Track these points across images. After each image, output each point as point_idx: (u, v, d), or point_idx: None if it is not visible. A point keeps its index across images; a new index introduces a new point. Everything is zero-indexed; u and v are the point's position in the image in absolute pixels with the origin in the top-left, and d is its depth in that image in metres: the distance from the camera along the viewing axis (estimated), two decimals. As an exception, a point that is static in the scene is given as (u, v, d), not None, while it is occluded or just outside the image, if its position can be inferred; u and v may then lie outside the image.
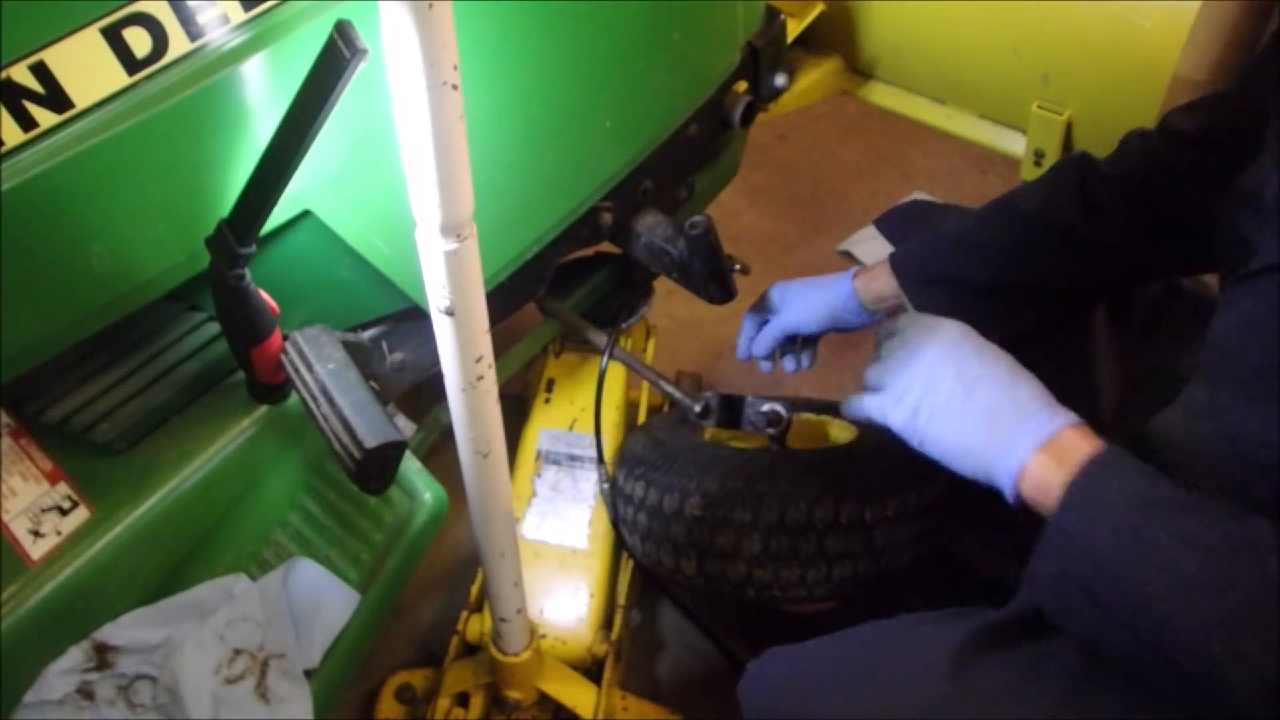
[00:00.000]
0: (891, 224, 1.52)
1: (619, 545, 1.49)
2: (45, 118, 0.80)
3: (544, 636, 1.42)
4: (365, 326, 1.12)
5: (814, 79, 2.93)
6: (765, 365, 1.45)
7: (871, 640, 1.00)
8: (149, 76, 0.84)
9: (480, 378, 0.91)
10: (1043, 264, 1.19)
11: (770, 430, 1.32)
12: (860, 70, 2.89)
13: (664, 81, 1.24)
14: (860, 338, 2.25)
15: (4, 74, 0.76)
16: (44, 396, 1.02)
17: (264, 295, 0.93)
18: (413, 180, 0.77)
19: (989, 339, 1.04)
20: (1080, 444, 0.83)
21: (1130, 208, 1.16)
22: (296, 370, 0.95)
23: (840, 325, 1.38)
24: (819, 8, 2.73)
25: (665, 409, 1.79)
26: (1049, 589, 0.83)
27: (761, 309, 1.44)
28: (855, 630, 1.02)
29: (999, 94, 2.56)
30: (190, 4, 0.84)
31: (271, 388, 1.03)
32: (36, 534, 0.92)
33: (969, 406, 0.88)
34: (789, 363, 1.44)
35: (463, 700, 1.45)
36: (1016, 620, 0.91)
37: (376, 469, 0.92)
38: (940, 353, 0.92)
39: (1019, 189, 1.26)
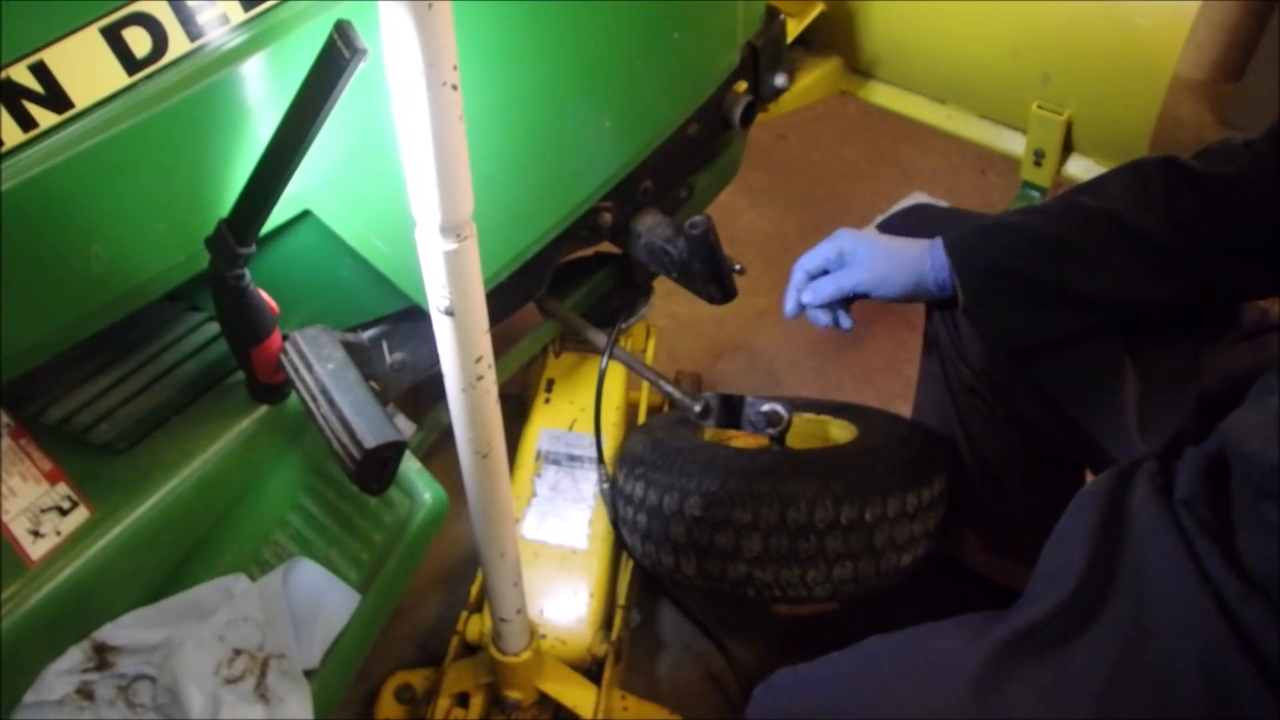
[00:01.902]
0: (894, 228, 1.49)
1: (619, 545, 1.49)
2: (45, 118, 0.79)
3: (544, 636, 1.42)
4: (365, 326, 1.12)
5: (814, 79, 2.92)
6: (823, 317, 1.29)
7: (882, 659, 0.99)
8: (149, 76, 0.83)
9: (480, 378, 0.91)
10: (1114, 272, 1.10)
11: (770, 430, 1.33)
12: (860, 70, 2.89)
13: (664, 82, 1.24)
14: (861, 333, 2.26)
15: (4, 74, 0.76)
16: (44, 397, 1.02)
17: (264, 295, 0.93)
18: (412, 180, 0.77)
19: (1039, 341, 1.16)
20: None
21: (1223, 219, 1.06)
22: (296, 370, 0.95)
23: (920, 297, 1.24)
24: (819, 7, 2.73)
25: (665, 409, 1.79)
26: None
27: (820, 258, 1.29)
28: (863, 647, 1.01)
29: (999, 94, 2.55)
30: (190, 4, 0.84)
31: (271, 388, 1.03)
32: (36, 534, 0.92)
33: None
34: (823, 316, 1.29)
35: (463, 700, 1.45)
36: (1033, 630, 0.90)
37: (376, 469, 0.92)
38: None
39: (1089, 186, 1.16)
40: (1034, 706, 0.86)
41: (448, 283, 0.83)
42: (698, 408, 1.35)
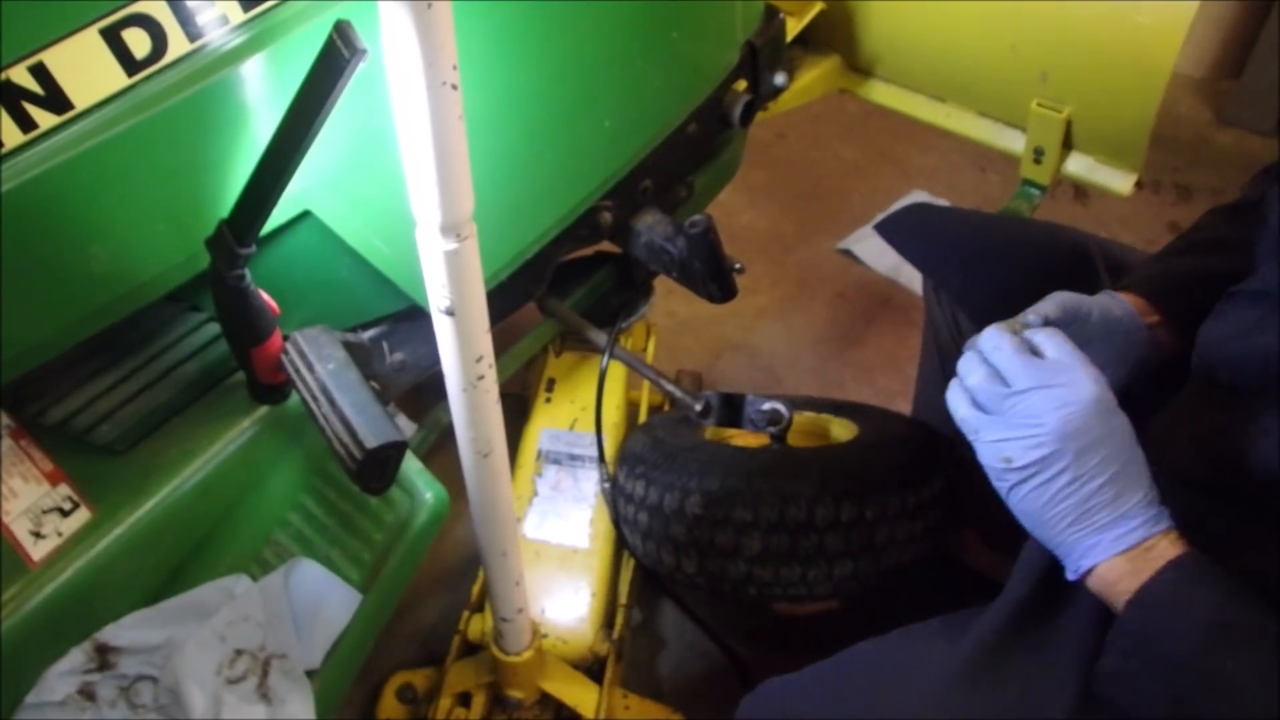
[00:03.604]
0: (893, 228, 1.49)
1: (620, 544, 1.49)
2: (45, 119, 0.79)
3: (545, 636, 1.42)
4: (365, 326, 1.12)
5: (813, 77, 2.92)
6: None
7: (866, 663, 1.00)
8: (148, 77, 0.83)
9: (481, 377, 0.91)
10: None
11: (771, 428, 1.33)
12: (859, 68, 2.89)
13: (663, 81, 1.24)
14: (862, 331, 2.26)
15: (4, 75, 0.76)
16: (45, 398, 1.02)
17: (264, 295, 0.93)
18: (412, 180, 0.77)
19: None
20: (1165, 551, 0.79)
21: None
22: (297, 370, 0.95)
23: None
24: (818, 6, 2.72)
25: (666, 408, 1.79)
26: (1117, 685, 0.81)
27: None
28: (852, 652, 1.02)
29: (998, 92, 2.56)
30: (189, 4, 0.84)
31: (272, 388, 1.03)
32: (37, 535, 0.92)
33: (1070, 495, 0.80)
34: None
35: (464, 700, 1.45)
36: (1011, 620, 0.91)
37: (377, 469, 0.92)
38: (1071, 422, 0.78)
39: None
40: (1018, 698, 0.87)
41: (448, 282, 0.83)
42: (698, 406, 1.35)
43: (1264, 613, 0.75)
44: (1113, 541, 0.79)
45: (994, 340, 0.84)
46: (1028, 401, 0.80)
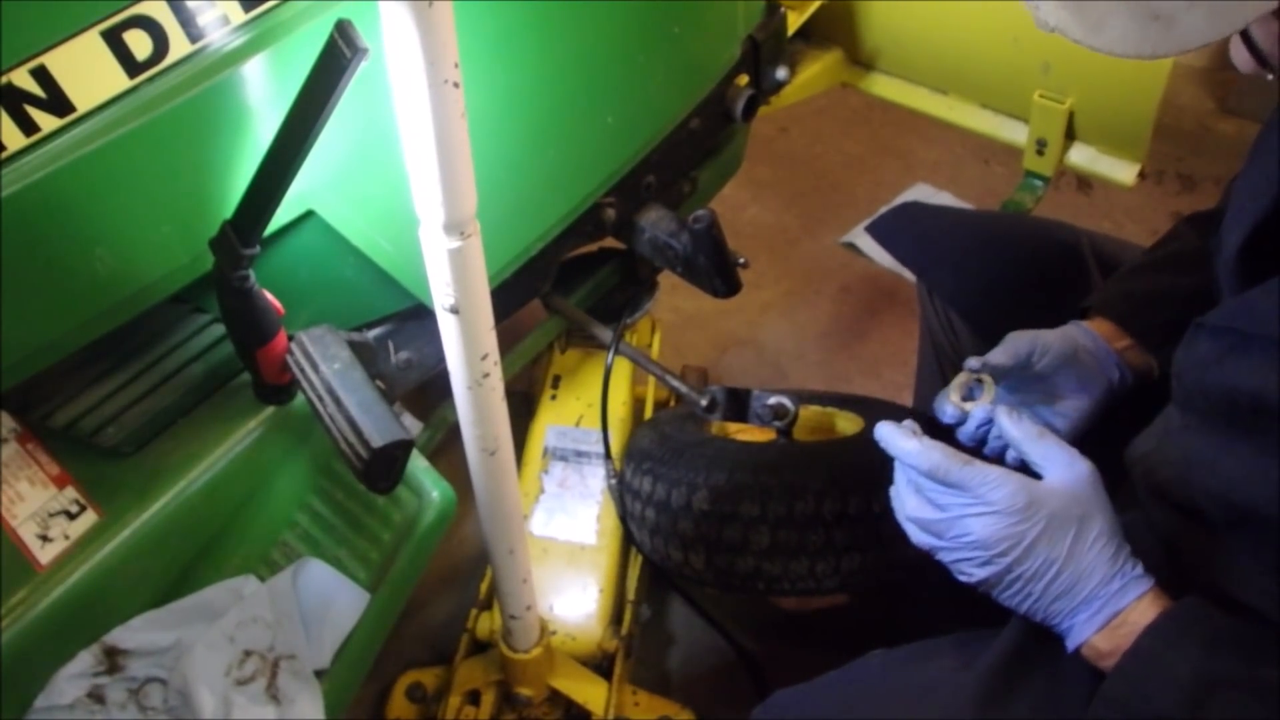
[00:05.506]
0: (885, 229, 1.49)
1: (627, 540, 1.49)
2: (47, 122, 0.79)
3: (554, 633, 1.42)
4: (370, 326, 1.12)
5: (815, 71, 2.92)
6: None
7: (881, 679, 1.00)
8: (150, 79, 0.83)
9: (486, 375, 0.91)
10: None
11: (777, 423, 1.32)
12: (861, 62, 2.89)
13: (665, 76, 1.24)
14: (867, 325, 2.26)
15: (5, 78, 0.76)
16: (50, 401, 1.02)
17: (269, 296, 0.93)
18: (415, 178, 0.77)
19: None
20: (1140, 619, 0.81)
21: None
22: (302, 370, 0.95)
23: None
24: (819, 0, 2.72)
25: (672, 403, 1.79)
26: None
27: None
28: (864, 663, 1.02)
29: (1000, 83, 2.55)
30: (190, 5, 0.84)
31: (278, 389, 1.03)
32: (45, 539, 0.92)
33: (1028, 595, 0.85)
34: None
35: (474, 698, 1.45)
36: (1025, 638, 0.91)
37: (384, 468, 0.92)
38: (1001, 539, 0.83)
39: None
40: (1033, 715, 0.87)
41: (452, 280, 0.83)
42: (704, 402, 1.35)
43: (1251, 659, 0.76)
44: (1084, 624, 0.83)
45: (916, 475, 0.90)
46: (960, 525, 0.85)
